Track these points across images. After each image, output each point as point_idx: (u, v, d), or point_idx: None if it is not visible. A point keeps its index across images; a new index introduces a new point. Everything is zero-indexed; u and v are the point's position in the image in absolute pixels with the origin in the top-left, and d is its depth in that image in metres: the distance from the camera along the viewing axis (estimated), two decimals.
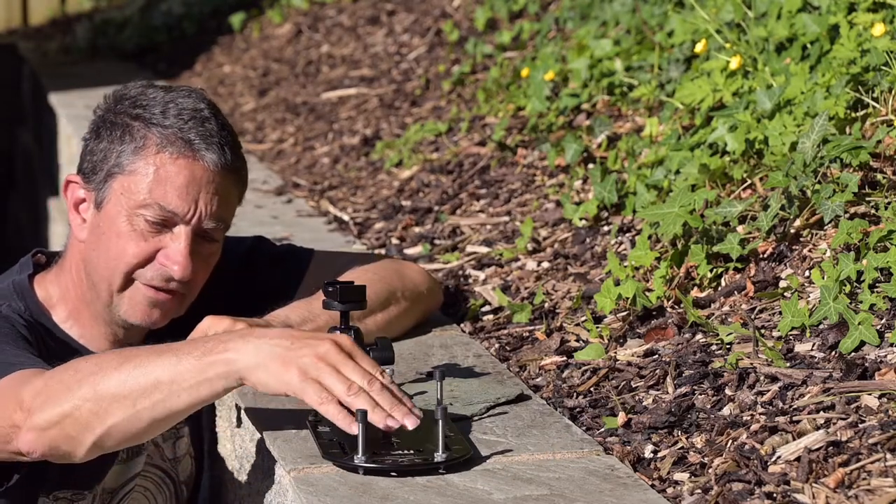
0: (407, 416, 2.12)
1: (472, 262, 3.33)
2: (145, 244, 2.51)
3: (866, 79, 2.93)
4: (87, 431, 2.19)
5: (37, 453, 2.23)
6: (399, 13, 6.43)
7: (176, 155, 2.50)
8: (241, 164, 2.59)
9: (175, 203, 2.50)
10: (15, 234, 8.95)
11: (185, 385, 2.15)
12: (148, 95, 2.56)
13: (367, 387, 2.12)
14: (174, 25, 8.59)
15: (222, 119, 2.58)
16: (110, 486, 2.65)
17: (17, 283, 2.60)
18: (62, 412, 2.19)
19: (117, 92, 2.61)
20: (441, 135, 4.46)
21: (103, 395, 2.17)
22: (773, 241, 2.72)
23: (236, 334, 2.19)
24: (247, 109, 6.09)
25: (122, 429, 2.19)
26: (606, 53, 3.98)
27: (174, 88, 2.59)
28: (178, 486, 2.77)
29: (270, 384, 2.13)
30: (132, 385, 2.16)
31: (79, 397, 2.18)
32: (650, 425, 2.27)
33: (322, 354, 2.13)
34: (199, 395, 2.17)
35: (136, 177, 2.51)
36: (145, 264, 2.52)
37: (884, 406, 2.14)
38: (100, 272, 2.54)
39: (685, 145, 3.18)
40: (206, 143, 2.51)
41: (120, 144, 2.53)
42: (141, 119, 2.53)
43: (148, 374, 2.16)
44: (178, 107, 2.53)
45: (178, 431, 2.75)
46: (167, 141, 2.50)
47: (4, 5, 11.68)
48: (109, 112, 2.58)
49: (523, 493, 2.01)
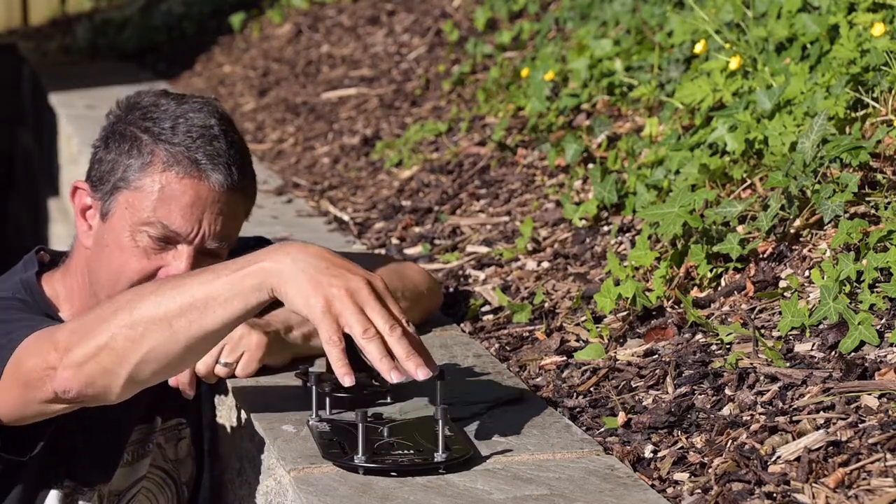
0: (420, 367, 2.08)
1: (472, 262, 3.33)
2: (147, 262, 2.51)
3: (866, 79, 2.93)
4: (124, 361, 2.17)
5: (73, 391, 2.21)
6: (399, 13, 6.43)
7: (182, 175, 2.49)
8: (248, 182, 2.57)
9: (178, 223, 2.49)
10: (15, 234, 8.94)
11: (220, 300, 2.13)
12: (160, 107, 2.54)
13: (388, 332, 2.09)
14: (174, 25, 8.59)
15: (232, 136, 2.55)
16: (117, 489, 2.65)
17: (25, 280, 2.61)
18: (98, 344, 2.17)
19: (130, 99, 2.59)
20: (441, 135, 4.47)
21: (139, 319, 2.16)
22: (772, 241, 2.72)
23: (274, 246, 2.17)
24: (247, 109, 6.09)
25: (158, 354, 2.16)
26: (606, 53, 3.98)
27: (187, 100, 2.57)
28: (180, 487, 2.77)
29: (296, 302, 2.11)
30: (168, 305, 2.15)
31: (115, 325, 2.17)
32: (650, 425, 2.28)
33: (353, 289, 2.10)
34: (233, 309, 2.14)
35: (141, 193, 2.50)
36: (146, 280, 2.52)
37: (884, 406, 2.14)
38: (101, 282, 2.54)
39: (685, 145, 3.18)
40: (212, 164, 2.49)
41: (128, 158, 2.52)
42: (150, 133, 2.51)
43: (184, 292, 2.15)
44: (187, 122, 2.51)
45: (179, 432, 2.76)
46: (174, 160, 2.49)
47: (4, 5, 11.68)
48: (120, 122, 2.56)
49: (523, 493, 2.01)
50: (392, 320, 2.10)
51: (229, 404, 2.63)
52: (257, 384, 2.53)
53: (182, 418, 2.75)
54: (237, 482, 2.57)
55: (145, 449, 2.69)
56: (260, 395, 2.49)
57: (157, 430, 2.70)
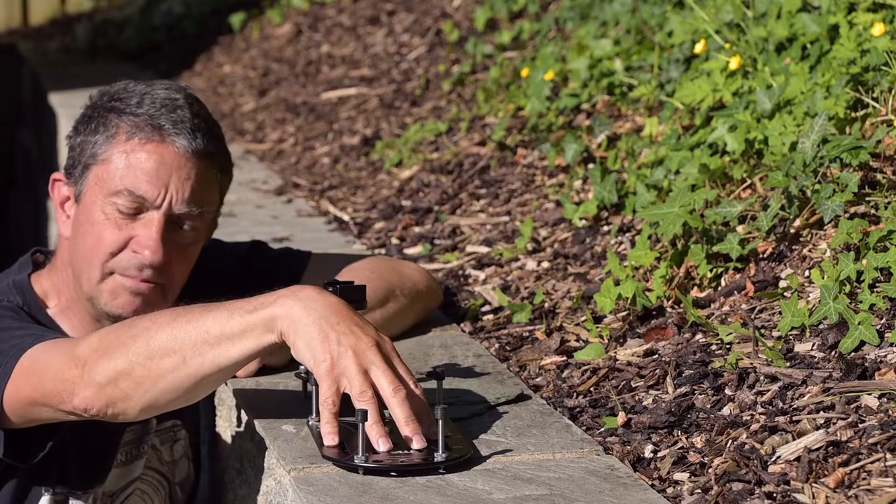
0: (416, 435, 2.09)
1: (472, 262, 3.33)
2: (119, 232, 2.53)
3: (866, 79, 2.93)
4: (141, 388, 2.19)
5: (94, 410, 2.23)
6: (399, 13, 6.43)
7: (145, 140, 2.52)
8: (216, 151, 2.58)
9: (144, 188, 2.50)
10: (15, 234, 8.94)
11: (233, 338, 2.15)
12: (128, 89, 2.59)
13: (392, 394, 2.10)
14: (174, 25, 8.59)
15: (199, 109, 2.58)
16: (110, 490, 2.65)
17: (16, 282, 2.63)
18: (117, 369, 2.20)
19: (102, 89, 2.64)
20: (441, 135, 4.47)
21: (155, 350, 2.18)
22: (772, 241, 2.72)
23: (289, 290, 2.18)
24: (247, 109, 6.09)
25: (173, 385, 2.19)
26: (606, 53, 3.98)
27: (156, 83, 2.61)
28: (173, 486, 2.77)
29: (304, 355, 2.13)
30: (183, 339, 2.17)
31: (133, 353, 2.19)
32: (650, 425, 2.27)
33: (359, 350, 2.11)
34: (244, 349, 2.16)
35: (108, 165, 2.53)
36: (119, 252, 2.53)
37: (884, 406, 2.14)
38: (80, 264, 2.55)
39: (685, 145, 3.18)
40: (176, 129, 2.52)
41: (94, 135, 2.56)
42: (115, 111, 2.56)
43: (198, 327, 2.17)
44: (152, 97, 2.55)
45: (175, 434, 2.76)
46: (137, 128, 2.52)
47: (4, 5, 11.68)
48: (89, 108, 2.61)
49: (523, 492, 2.01)
50: (396, 382, 2.11)
51: (229, 404, 2.63)
52: (257, 384, 2.53)
53: (177, 420, 2.75)
54: (237, 482, 2.57)
55: (140, 450, 2.69)
56: (260, 395, 2.49)
57: (152, 431, 2.70)
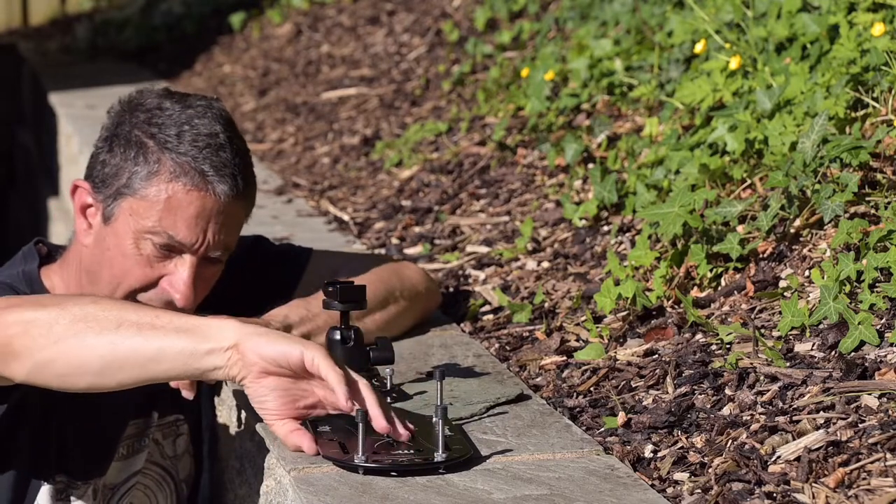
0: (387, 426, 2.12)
1: (472, 262, 3.33)
2: (150, 270, 2.52)
3: (866, 79, 2.93)
4: (49, 343, 2.16)
5: None
6: (399, 13, 6.43)
7: (189, 186, 2.48)
8: (251, 188, 2.58)
9: (184, 234, 2.49)
10: (15, 233, 8.94)
11: (167, 371, 2.16)
12: (164, 111, 2.53)
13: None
14: (174, 25, 8.59)
15: (238, 143, 2.55)
16: (111, 483, 2.66)
17: (26, 272, 2.62)
18: (29, 317, 2.17)
19: (133, 100, 2.57)
20: (441, 135, 4.47)
21: (80, 315, 2.16)
22: (773, 241, 2.72)
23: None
24: (247, 109, 6.09)
25: (79, 356, 2.16)
26: (606, 53, 3.98)
27: (191, 103, 2.55)
28: (178, 483, 2.78)
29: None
30: (109, 352, 2.15)
31: (58, 311, 2.17)
32: (650, 425, 2.27)
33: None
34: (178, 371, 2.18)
35: (146, 202, 2.50)
36: (148, 288, 2.53)
37: (884, 406, 2.14)
38: (101, 285, 2.54)
39: (685, 145, 3.18)
40: (218, 175, 2.49)
41: (133, 165, 2.51)
42: (156, 140, 2.50)
43: (144, 345, 2.15)
44: (193, 130, 2.50)
45: (177, 429, 2.76)
46: (181, 170, 2.48)
47: (4, 5, 11.68)
48: (124, 124, 2.55)
49: (523, 492, 2.01)
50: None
51: (229, 404, 2.63)
52: None
53: (180, 415, 2.75)
54: (237, 482, 2.57)
55: (141, 443, 2.69)
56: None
57: (154, 425, 2.71)
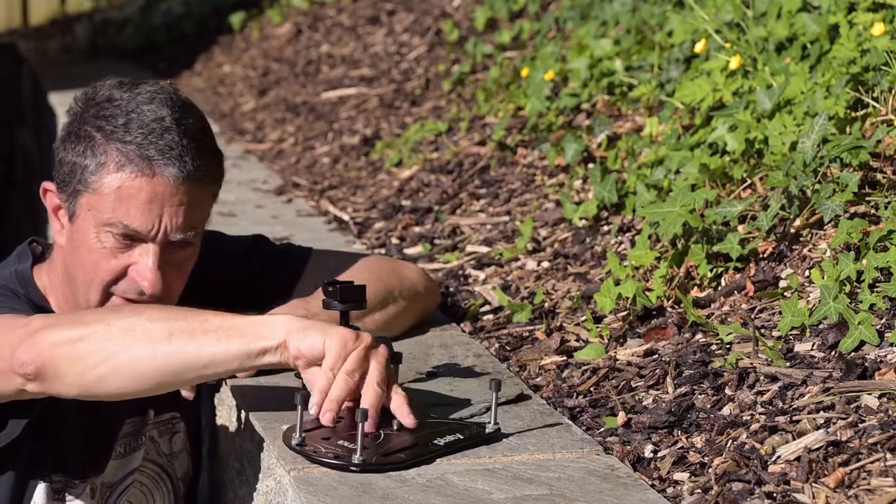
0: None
1: (472, 261, 3.33)
2: (115, 261, 2.52)
3: (866, 79, 2.93)
4: (98, 360, 2.21)
5: (29, 368, 2.23)
6: (399, 13, 6.43)
7: (135, 173, 2.48)
8: (209, 166, 2.54)
9: (138, 222, 2.49)
10: (15, 233, 8.94)
11: (225, 373, 2.24)
12: (112, 102, 2.52)
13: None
14: (174, 25, 8.59)
15: (186, 123, 2.52)
16: (109, 481, 2.66)
17: (19, 272, 2.63)
18: (75, 336, 2.22)
19: (87, 95, 2.57)
20: (441, 135, 4.47)
21: (127, 328, 2.22)
22: (773, 241, 2.72)
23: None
24: (247, 109, 6.09)
25: (134, 368, 2.21)
26: (606, 53, 3.98)
27: (141, 90, 2.54)
28: (175, 481, 2.78)
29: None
30: (169, 340, 2.21)
31: (102, 324, 2.23)
32: (650, 425, 2.27)
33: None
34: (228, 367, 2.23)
35: (99, 195, 2.50)
36: (119, 279, 2.53)
37: (884, 406, 2.14)
38: (78, 283, 2.56)
39: (685, 145, 3.18)
40: (164, 158, 2.47)
41: (84, 159, 2.52)
42: (103, 132, 2.50)
43: (183, 355, 2.21)
44: (140, 117, 2.49)
45: (173, 427, 2.76)
46: (126, 159, 2.48)
47: (4, 5, 11.69)
48: (76, 120, 2.56)
49: (523, 492, 2.01)
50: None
51: (229, 404, 2.63)
52: (257, 384, 2.53)
53: (176, 412, 2.75)
54: (237, 482, 2.57)
55: (138, 441, 2.69)
56: (260, 394, 2.49)
57: (150, 423, 2.71)
